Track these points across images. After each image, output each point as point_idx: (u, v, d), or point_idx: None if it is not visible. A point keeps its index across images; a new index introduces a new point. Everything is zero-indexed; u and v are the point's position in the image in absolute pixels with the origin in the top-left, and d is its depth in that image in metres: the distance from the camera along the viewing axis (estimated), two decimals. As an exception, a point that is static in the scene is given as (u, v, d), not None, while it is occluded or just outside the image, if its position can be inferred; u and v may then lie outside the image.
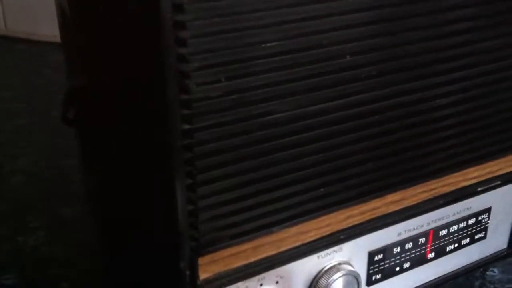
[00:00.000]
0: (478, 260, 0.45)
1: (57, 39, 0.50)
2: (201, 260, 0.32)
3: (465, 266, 0.45)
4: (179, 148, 0.29)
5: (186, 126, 0.29)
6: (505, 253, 0.46)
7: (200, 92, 0.29)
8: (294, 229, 0.35)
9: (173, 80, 0.28)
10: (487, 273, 0.49)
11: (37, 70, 0.86)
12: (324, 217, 0.36)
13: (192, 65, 0.28)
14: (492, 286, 0.48)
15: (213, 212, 0.31)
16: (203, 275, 0.33)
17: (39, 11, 0.94)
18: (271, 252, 0.34)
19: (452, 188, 0.40)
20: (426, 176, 0.39)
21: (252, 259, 0.34)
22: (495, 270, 0.49)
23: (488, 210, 0.43)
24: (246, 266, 0.34)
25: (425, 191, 0.39)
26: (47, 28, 0.92)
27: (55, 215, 0.56)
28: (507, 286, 0.47)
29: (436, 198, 0.40)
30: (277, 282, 0.36)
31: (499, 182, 0.42)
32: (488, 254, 0.46)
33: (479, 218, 0.43)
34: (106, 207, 0.45)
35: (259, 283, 0.35)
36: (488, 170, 0.42)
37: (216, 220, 0.32)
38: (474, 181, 0.41)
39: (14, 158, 0.65)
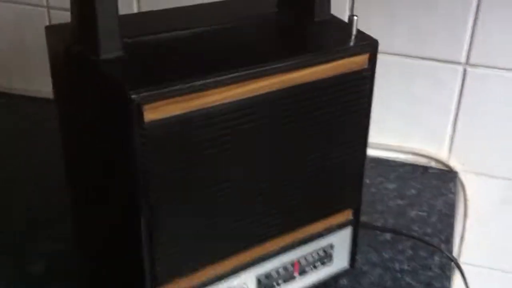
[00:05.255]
0: (329, 275, 0.73)
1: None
2: (158, 288, 0.58)
3: (321, 279, 0.72)
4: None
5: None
6: (347, 269, 0.74)
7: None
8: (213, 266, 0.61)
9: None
10: (340, 281, 0.76)
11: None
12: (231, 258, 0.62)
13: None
14: (340, 291, 0.75)
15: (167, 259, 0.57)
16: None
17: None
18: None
19: (308, 234, 0.67)
20: (288, 229, 0.66)
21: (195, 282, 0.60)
22: (345, 280, 0.76)
23: (331, 246, 0.70)
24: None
25: (287, 237, 0.66)
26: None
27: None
28: (349, 290, 0.75)
29: (296, 241, 0.67)
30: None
31: (337, 228, 0.70)
32: (336, 270, 0.73)
33: (325, 250, 0.70)
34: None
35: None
36: (329, 221, 0.69)
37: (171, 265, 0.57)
38: (320, 229, 0.68)
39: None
